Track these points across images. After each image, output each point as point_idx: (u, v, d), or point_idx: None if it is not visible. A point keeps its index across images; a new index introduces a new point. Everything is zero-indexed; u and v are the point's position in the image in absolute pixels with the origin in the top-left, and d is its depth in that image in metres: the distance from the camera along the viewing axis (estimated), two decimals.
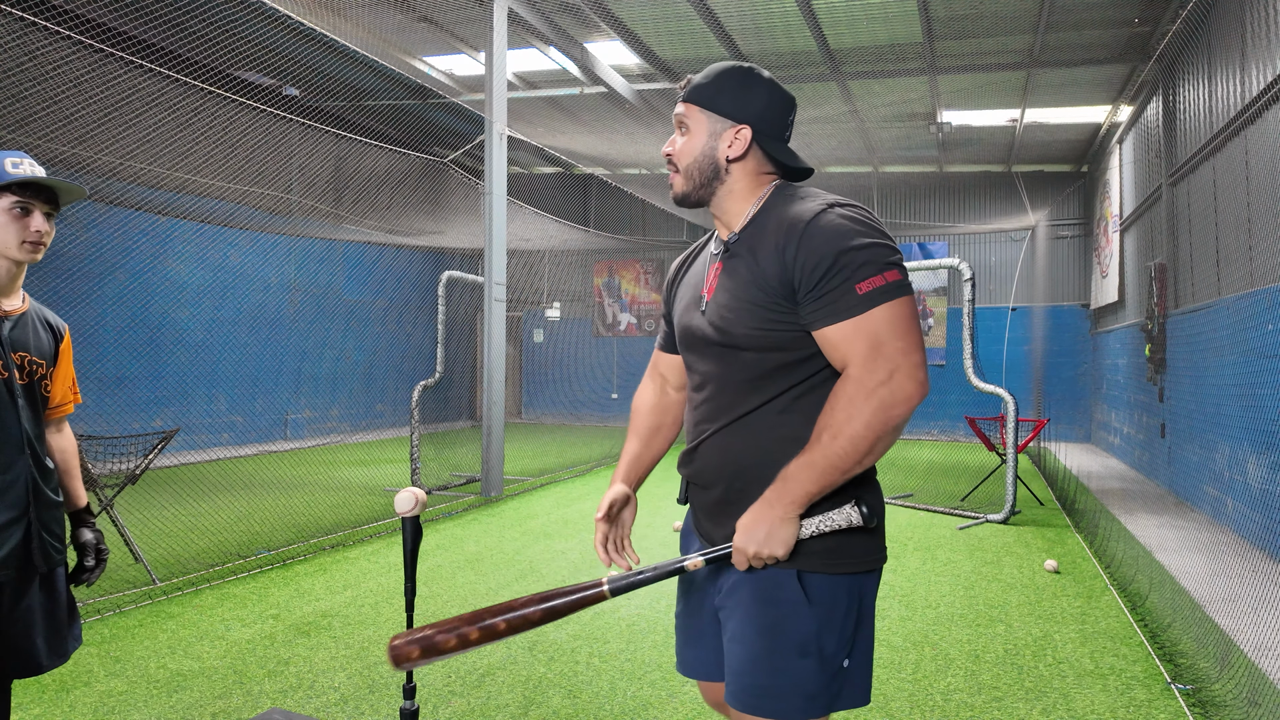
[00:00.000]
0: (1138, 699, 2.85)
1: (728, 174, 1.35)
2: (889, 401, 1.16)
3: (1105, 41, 7.53)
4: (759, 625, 1.28)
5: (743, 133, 1.34)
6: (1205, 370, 6.01)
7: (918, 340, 1.19)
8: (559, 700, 2.80)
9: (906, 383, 1.17)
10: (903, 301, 1.20)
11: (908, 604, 3.92)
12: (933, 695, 2.87)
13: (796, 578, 1.27)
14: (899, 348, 1.18)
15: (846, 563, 1.29)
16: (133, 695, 2.80)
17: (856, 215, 1.25)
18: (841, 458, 1.18)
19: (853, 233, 1.22)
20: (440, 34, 8.21)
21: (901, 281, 1.20)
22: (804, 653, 1.26)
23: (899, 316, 1.19)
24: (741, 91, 1.34)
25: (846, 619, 1.29)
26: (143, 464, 4.33)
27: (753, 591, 1.29)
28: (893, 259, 1.22)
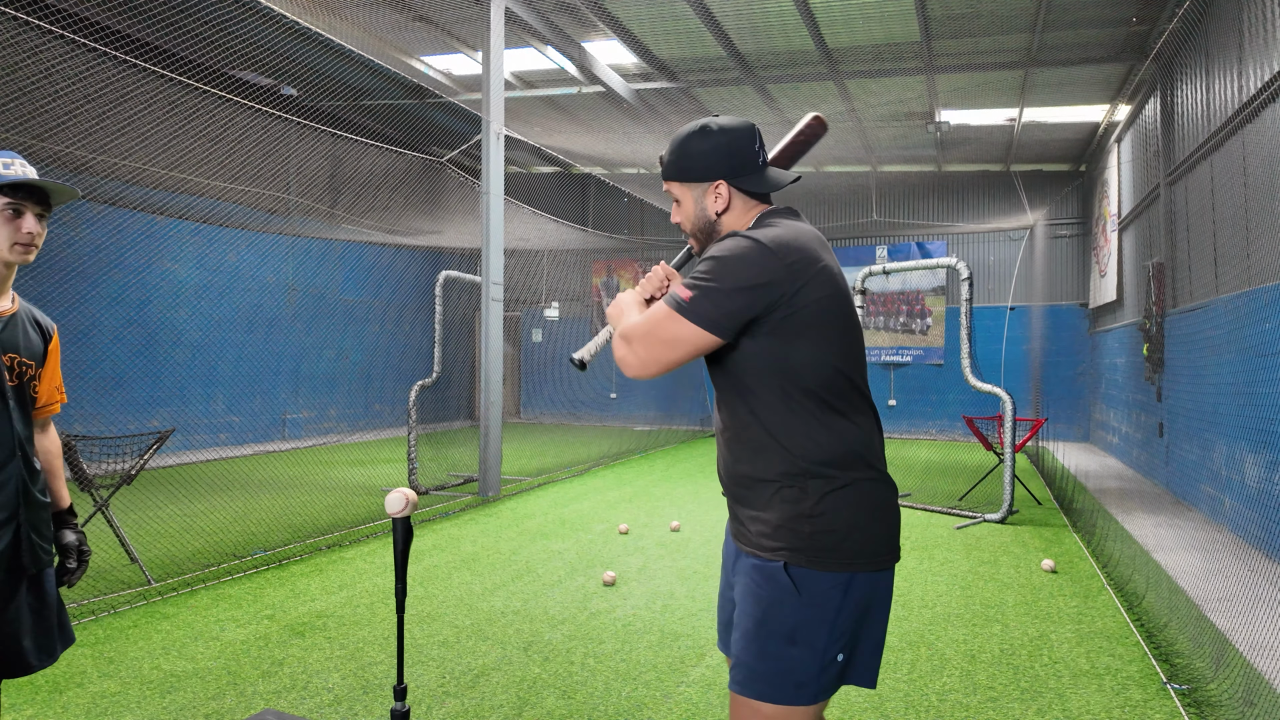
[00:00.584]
0: (1133, 699, 2.85)
1: (720, 222, 1.52)
2: (617, 348, 1.42)
3: (1103, 40, 7.53)
4: (752, 612, 1.38)
5: (719, 188, 1.49)
6: (1203, 369, 6.01)
7: (651, 341, 1.38)
8: (553, 701, 2.79)
9: (626, 356, 1.40)
10: (667, 312, 1.37)
11: (904, 604, 3.92)
12: (928, 695, 2.87)
13: (784, 569, 1.36)
14: (634, 334, 1.40)
15: (835, 560, 1.35)
16: (126, 696, 2.79)
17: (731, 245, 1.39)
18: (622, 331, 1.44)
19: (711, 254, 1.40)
20: (438, 33, 8.20)
21: (680, 303, 1.36)
22: (792, 641, 1.34)
23: (653, 317, 1.38)
24: (703, 153, 1.48)
25: (842, 615, 1.35)
26: (138, 464, 4.32)
27: (748, 580, 1.41)
28: (699, 284, 1.36)
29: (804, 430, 1.37)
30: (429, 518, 5.90)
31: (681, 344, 1.37)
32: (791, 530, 1.36)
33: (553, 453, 9.80)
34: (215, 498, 6.41)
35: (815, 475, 1.36)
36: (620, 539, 5.27)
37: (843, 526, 1.36)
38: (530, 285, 13.51)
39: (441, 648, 3.28)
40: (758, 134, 1.50)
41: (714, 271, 1.36)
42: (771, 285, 1.34)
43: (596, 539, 5.26)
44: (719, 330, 1.36)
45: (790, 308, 1.35)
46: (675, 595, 4.01)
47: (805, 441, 1.37)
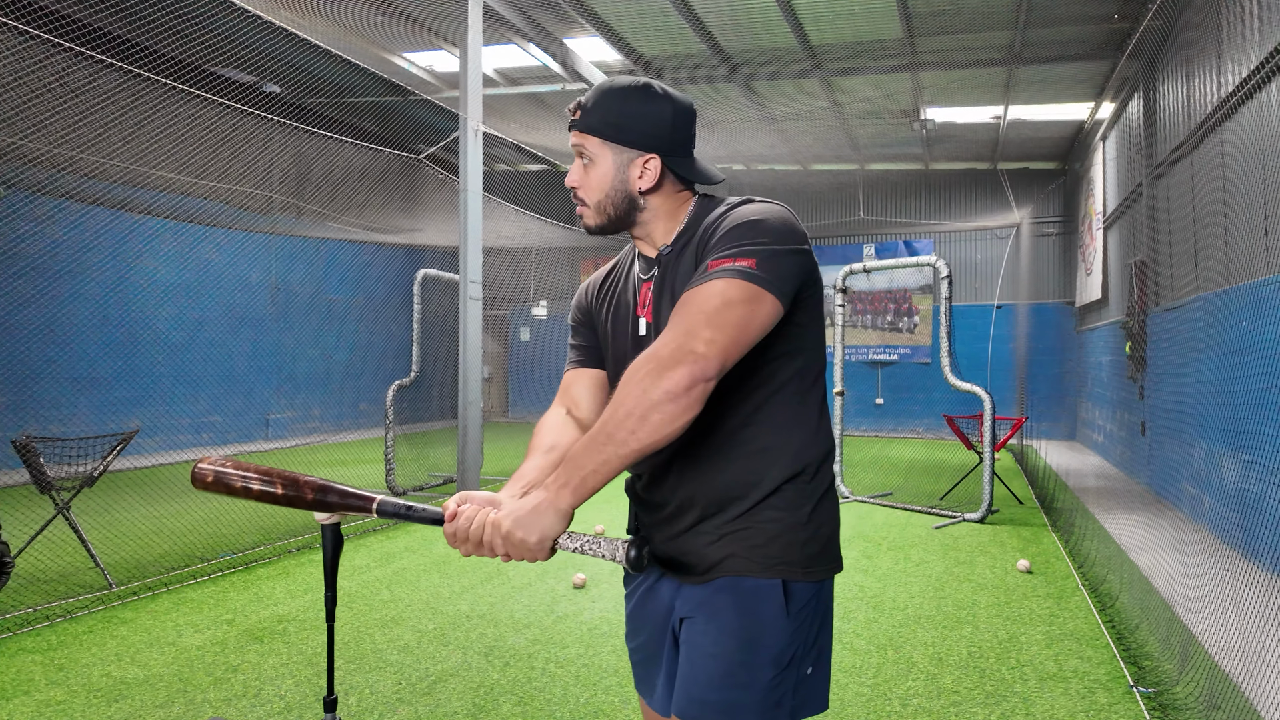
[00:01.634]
0: (1099, 703, 2.81)
1: (644, 202, 1.30)
2: (663, 368, 1.06)
3: (1085, 37, 7.50)
4: (738, 638, 1.22)
5: (652, 162, 1.27)
6: (1183, 368, 5.99)
7: (723, 321, 1.09)
8: (509, 707, 2.74)
9: (684, 354, 1.06)
10: (734, 283, 1.11)
11: (875, 606, 3.88)
12: (891, 700, 2.83)
13: (782, 587, 1.23)
14: (696, 319, 1.09)
15: (821, 570, 1.26)
16: (71, 704, 2.73)
17: (762, 207, 1.22)
18: (615, 426, 1.06)
19: (745, 219, 1.19)
20: (419, 30, 8.13)
21: (749, 270, 1.12)
22: (777, 664, 1.22)
23: (717, 293, 1.11)
24: (642, 118, 1.26)
25: (812, 625, 1.27)
26: (100, 466, 4.25)
27: (732, 601, 1.24)
28: (755, 247, 1.14)
29: (809, 425, 1.26)
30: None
31: (759, 319, 1.12)
32: (787, 542, 1.24)
33: None
34: (190, 499, 6.34)
35: (811, 477, 1.26)
36: None
37: (827, 531, 1.28)
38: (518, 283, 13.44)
39: (401, 653, 3.23)
40: (696, 118, 1.34)
41: (767, 232, 1.16)
42: (809, 254, 1.20)
43: None
44: (786, 299, 1.15)
45: (815, 284, 1.23)
46: None
47: (809, 438, 1.26)
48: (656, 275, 1.33)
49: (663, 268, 1.32)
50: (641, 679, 1.44)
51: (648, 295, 1.34)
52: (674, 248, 1.32)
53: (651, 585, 1.39)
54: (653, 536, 1.37)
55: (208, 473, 1.28)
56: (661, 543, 1.35)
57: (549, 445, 1.39)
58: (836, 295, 6.86)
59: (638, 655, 1.44)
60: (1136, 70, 7.58)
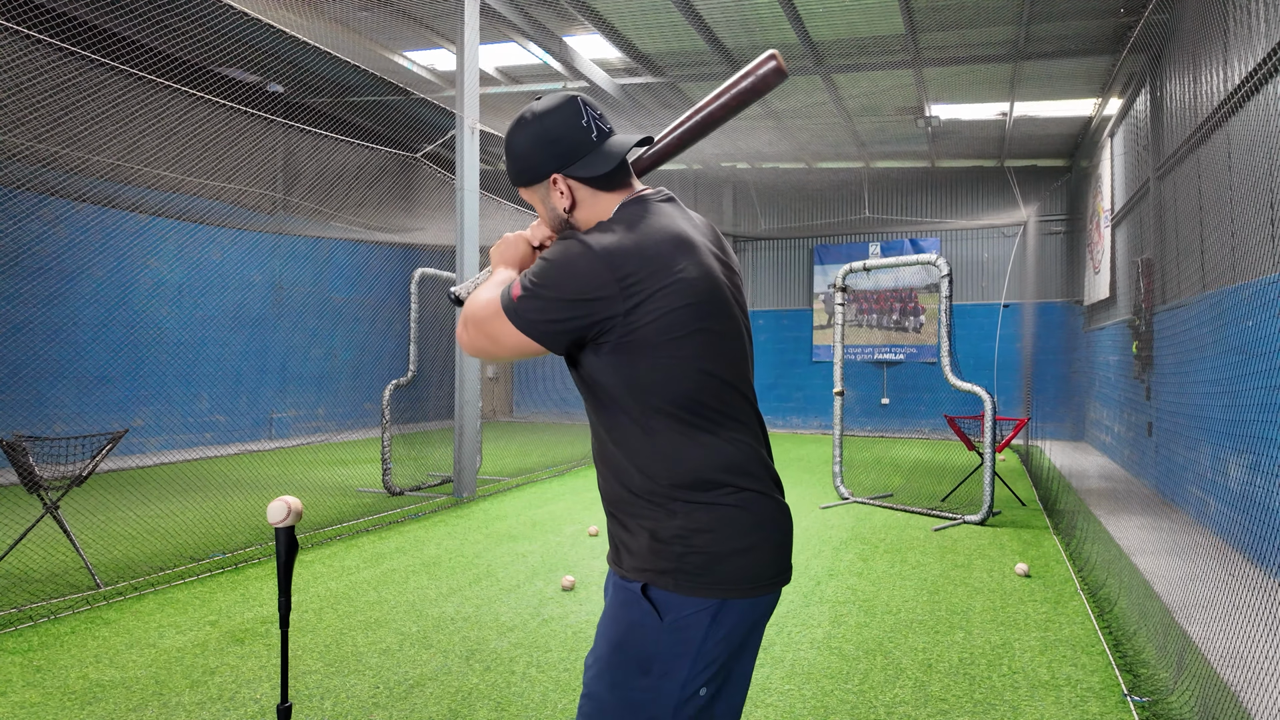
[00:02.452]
0: (1090, 712, 2.74)
1: (575, 219, 1.36)
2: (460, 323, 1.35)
3: (1090, 32, 7.39)
4: (609, 636, 1.28)
5: (557, 182, 1.34)
6: (1189, 367, 5.87)
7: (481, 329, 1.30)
8: (486, 713, 2.70)
9: (460, 333, 1.35)
10: (498, 308, 1.28)
11: (867, 610, 3.81)
12: (876, 709, 2.76)
13: (643, 591, 1.26)
14: (476, 313, 1.32)
15: (704, 585, 1.23)
16: (46, 706, 2.70)
17: (559, 249, 1.27)
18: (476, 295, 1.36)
19: (546, 254, 1.29)
20: (419, 29, 8.11)
21: (510, 302, 1.26)
22: (647, 671, 1.22)
23: (490, 305, 1.30)
24: (526, 149, 1.34)
25: (708, 644, 1.23)
26: (89, 466, 4.23)
27: (613, 599, 1.31)
28: (528, 286, 1.26)
29: (663, 451, 1.25)
30: (399, 519, 5.82)
31: (505, 344, 1.28)
32: (655, 551, 1.25)
33: (537, 452, 9.71)
34: (187, 498, 6.34)
35: (678, 498, 1.25)
36: (589, 541, 5.17)
37: (714, 548, 1.23)
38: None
39: (381, 656, 3.19)
40: (583, 107, 1.31)
41: (542, 276, 1.25)
42: (600, 301, 1.20)
43: (565, 541, 5.16)
44: (544, 340, 1.26)
45: (627, 327, 1.21)
46: None
47: (664, 463, 1.25)
48: None
49: None
50: None
51: None
52: None
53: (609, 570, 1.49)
54: None
55: None
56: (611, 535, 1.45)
57: None
58: (837, 294, 6.78)
59: None
60: (1143, 65, 7.46)
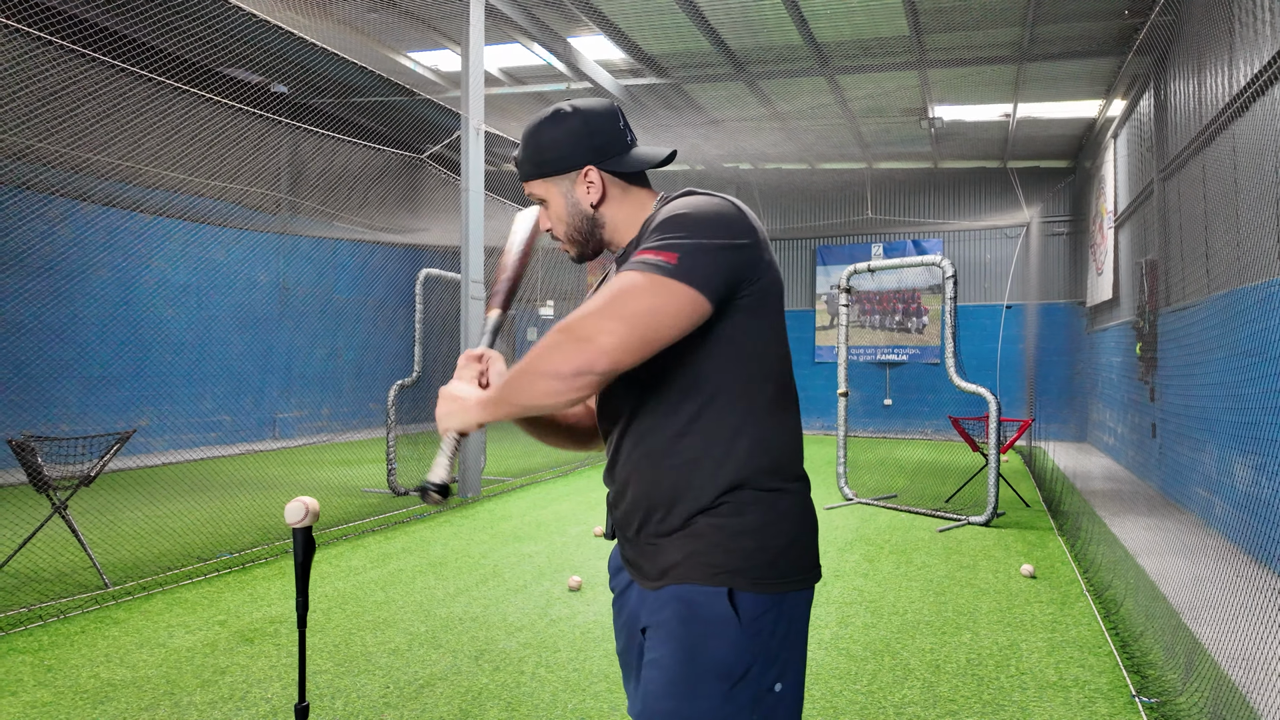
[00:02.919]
0: (1099, 713, 2.75)
1: (602, 215, 1.32)
2: (558, 346, 1.08)
3: (1095, 34, 7.40)
4: (682, 646, 1.19)
5: (590, 174, 1.29)
6: (1194, 369, 5.88)
7: (628, 313, 1.08)
8: (496, 713, 2.71)
9: (581, 339, 1.07)
10: (649, 278, 1.09)
11: (874, 611, 3.82)
12: (886, 709, 2.77)
13: (728, 596, 1.19)
14: (603, 309, 1.08)
15: (778, 582, 1.22)
16: (58, 706, 2.71)
17: (696, 200, 1.20)
18: (518, 375, 1.13)
19: (677, 211, 1.18)
20: (424, 29, 8.13)
21: (668, 265, 1.10)
22: (726, 677, 1.17)
23: (629, 284, 1.10)
24: (560, 142, 1.29)
25: (774, 640, 1.21)
26: (98, 465, 4.25)
27: (677, 610, 1.21)
28: (679, 241, 1.12)
29: (756, 431, 1.22)
30: (404, 520, 5.83)
31: (671, 316, 1.09)
32: (730, 550, 1.19)
33: (541, 453, 9.71)
34: (194, 498, 6.35)
35: (762, 486, 1.21)
36: (594, 542, 5.18)
37: (783, 542, 1.22)
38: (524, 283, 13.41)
39: (391, 656, 3.20)
40: (620, 114, 1.33)
41: (691, 226, 1.13)
42: (749, 248, 1.16)
43: (570, 541, 5.17)
44: (713, 296, 1.11)
45: (753, 284, 1.17)
46: None
47: (757, 444, 1.21)
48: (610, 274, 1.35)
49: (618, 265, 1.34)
50: (625, 682, 1.46)
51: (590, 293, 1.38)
52: (625, 250, 1.33)
53: (624, 590, 1.39)
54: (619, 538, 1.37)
55: None
56: (623, 544, 1.36)
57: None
58: (841, 295, 6.79)
59: (621, 661, 1.45)
60: (1148, 66, 7.46)
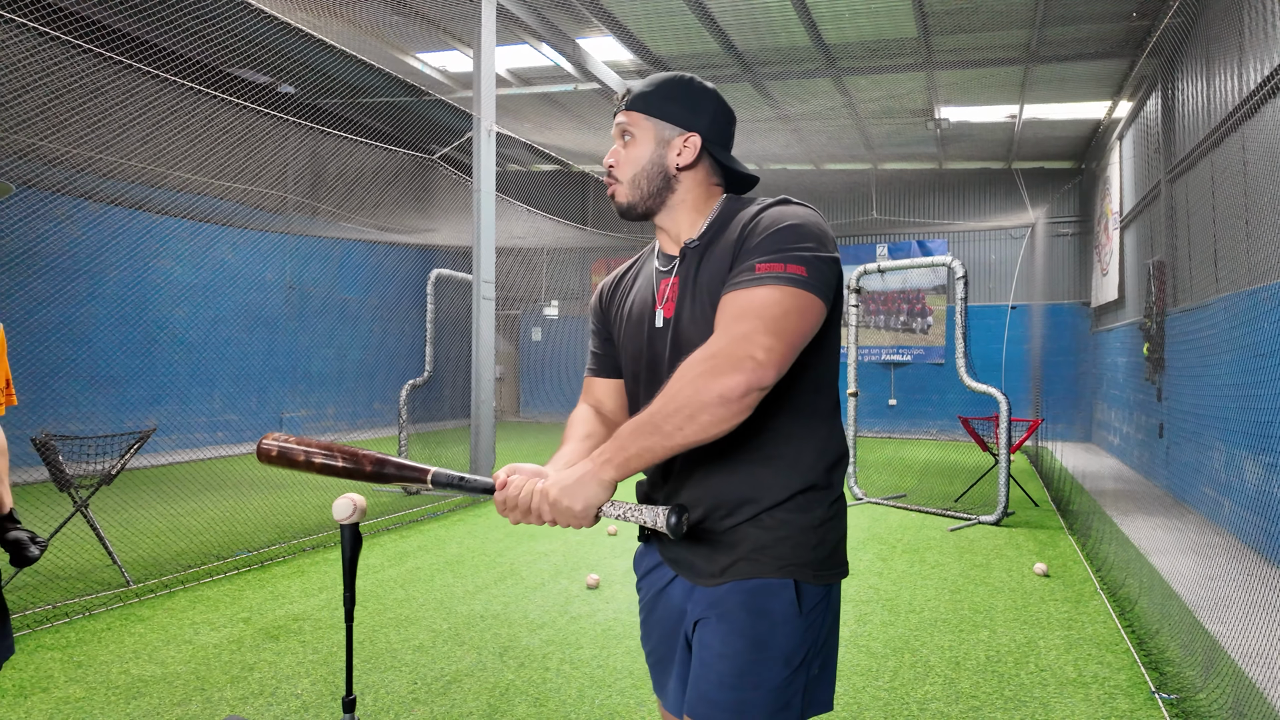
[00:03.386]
0: (1120, 709, 2.78)
1: (678, 183, 1.32)
2: (719, 371, 1.09)
3: (1103, 36, 7.43)
4: (749, 638, 1.23)
5: (692, 140, 1.31)
6: (1203, 370, 5.91)
7: (784, 330, 1.12)
8: (525, 708, 2.74)
9: (743, 360, 1.09)
10: (789, 291, 1.14)
11: (891, 609, 3.85)
12: (909, 705, 2.80)
13: (794, 588, 1.23)
14: (755, 327, 1.11)
15: (831, 573, 1.28)
16: (90, 701, 2.74)
17: (801, 211, 1.24)
18: (664, 418, 1.10)
19: (786, 221, 1.21)
20: (433, 30, 8.15)
21: (801, 277, 1.15)
22: (788, 663, 1.23)
23: (774, 301, 1.13)
24: (689, 100, 1.31)
25: (822, 627, 1.28)
26: (118, 464, 4.28)
27: (744, 602, 1.24)
28: (804, 253, 1.17)
29: (820, 434, 1.27)
30: (418, 518, 5.86)
31: (810, 326, 1.15)
32: (797, 544, 1.24)
33: (550, 451, 9.70)
34: (206, 497, 6.38)
35: (822, 486, 1.27)
36: (608, 541, 5.22)
37: (835, 537, 1.28)
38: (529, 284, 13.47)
39: (416, 652, 3.23)
40: (735, 122, 1.39)
41: (809, 237, 1.18)
42: (839, 262, 1.23)
43: (584, 540, 5.20)
44: (828, 306, 1.19)
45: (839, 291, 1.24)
46: None
47: (821, 446, 1.27)
48: (680, 270, 1.32)
49: (686, 263, 1.31)
50: (657, 681, 1.46)
51: (667, 290, 1.34)
52: (700, 241, 1.31)
53: (663, 588, 1.40)
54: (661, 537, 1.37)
55: (272, 448, 1.33)
56: (669, 543, 1.35)
57: (585, 434, 1.43)
58: (850, 295, 6.82)
59: (652, 658, 1.45)
60: (1155, 68, 7.50)
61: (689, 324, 1.28)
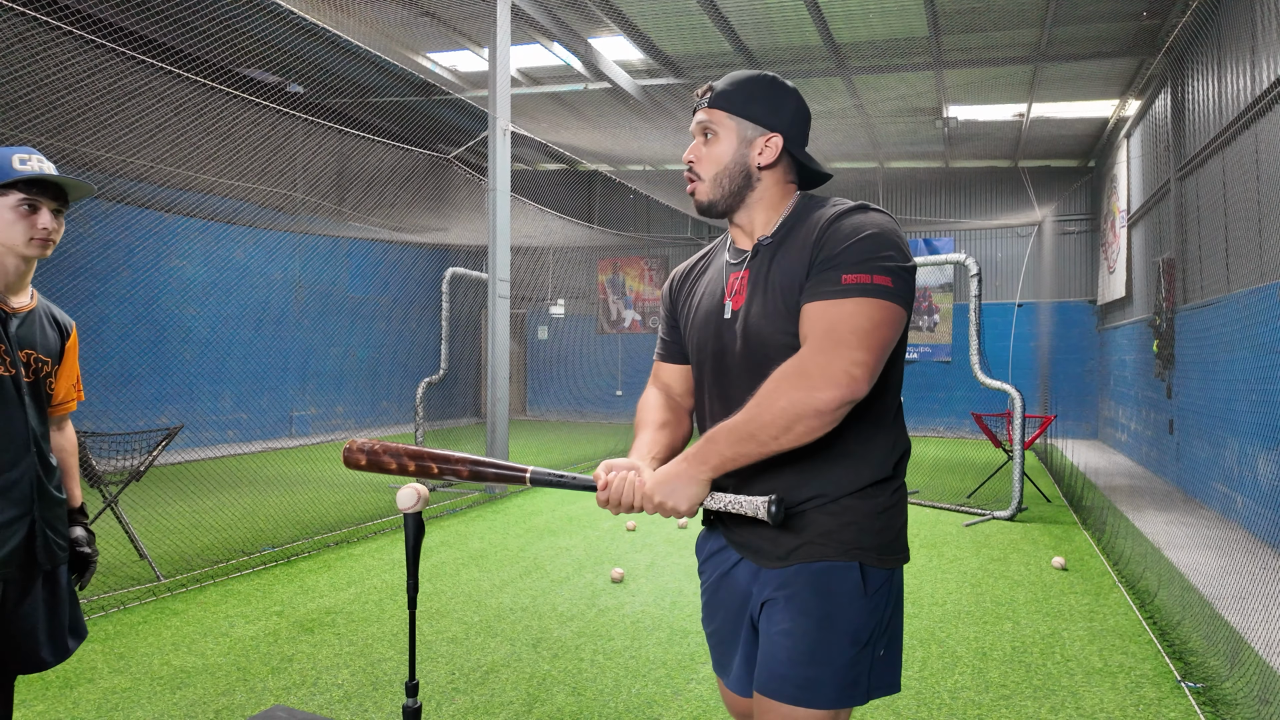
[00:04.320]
0: (1147, 697, 2.83)
1: (758, 181, 1.36)
2: (814, 385, 1.16)
3: (1113, 35, 7.47)
4: (816, 617, 1.28)
5: (774, 140, 1.34)
6: (1215, 366, 5.96)
7: (874, 344, 1.18)
8: (563, 698, 2.79)
9: (838, 375, 1.16)
10: (879, 304, 1.19)
11: (914, 601, 3.90)
12: (940, 694, 2.85)
13: (859, 570, 1.29)
14: (849, 340, 1.17)
15: (893, 556, 1.33)
16: (136, 692, 2.79)
17: (882, 220, 1.27)
18: (761, 429, 1.18)
19: (868, 230, 1.24)
20: (444, 30, 8.19)
21: (888, 288, 1.20)
22: (855, 642, 1.28)
23: (865, 314, 1.19)
24: (772, 99, 1.35)
25: (887, 608, 1.33)
26: (147, 460, 4.32)
27: (811, 582, 1.30)
28: (889, 264, 1.22)
29: (889, 431, 1.34)
30: (437, 514, 5.91)
31: (895, 335, 1.21)
32: (862, 529, 1.30)
33: (559, 450, 9.80)
34: (224, 494, 6.43)
35: (889, 479, 1.33)
36: (628, 536, 5.26)
37: (899, 523, 1.35)
38: (536, 282, 13.50)
39: (450, 644, 3.28)
40: (811, 120, 1.43)
41: (891, 247, 1.22)
42: (915, 269, 1.29)
43: (604, 536, 5.25)
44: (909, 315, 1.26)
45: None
46: (684, 592, 4.00)
47: (890, 443, 1.33)
48: (751, 265, 1.36)
49: (758, 258, 1.35)
50: (718, 660, 1.50)
51: (736, 283, 1.37)
52: (774, 238, 1.35)
53: (728, 571, 1.44)
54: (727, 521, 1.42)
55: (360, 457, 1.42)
56: (736, 528, 1.40)
57: (660, 422, 1.49)
58: None
59: (714, 638, 1.49)
60: (1164, 67, 7.54)
61: (758, 318, 1.31)
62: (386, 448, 1.42)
